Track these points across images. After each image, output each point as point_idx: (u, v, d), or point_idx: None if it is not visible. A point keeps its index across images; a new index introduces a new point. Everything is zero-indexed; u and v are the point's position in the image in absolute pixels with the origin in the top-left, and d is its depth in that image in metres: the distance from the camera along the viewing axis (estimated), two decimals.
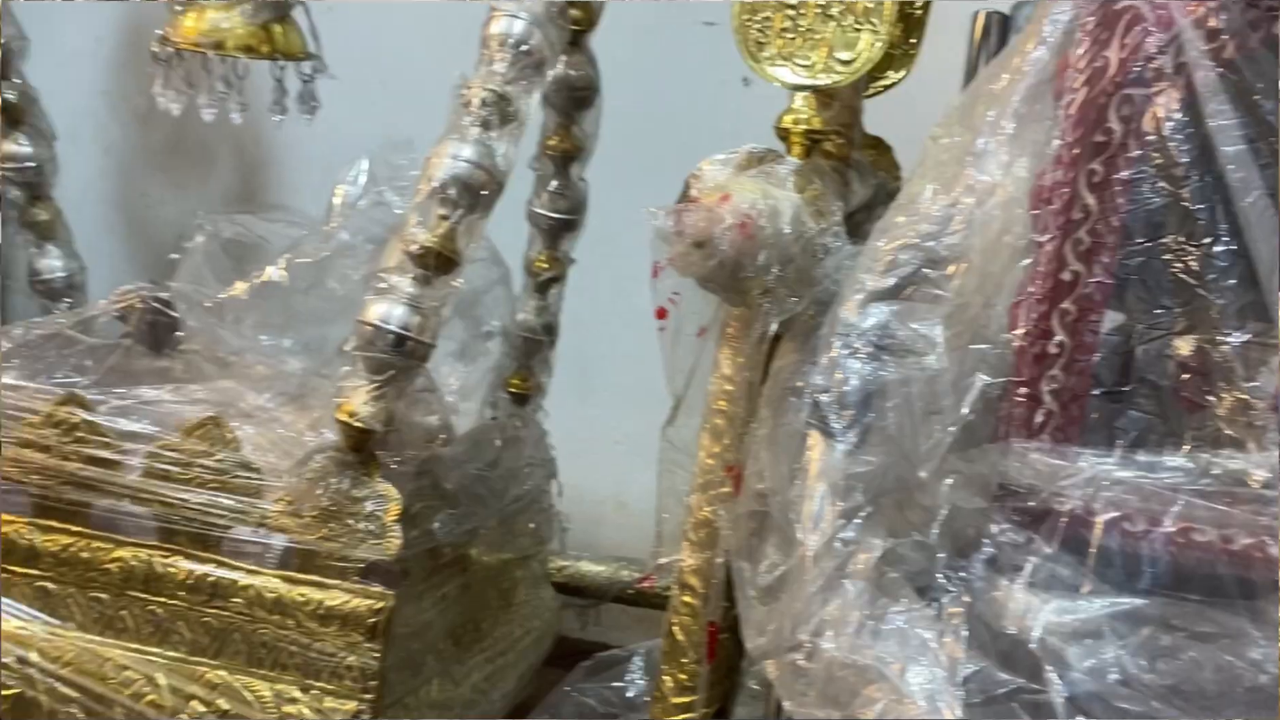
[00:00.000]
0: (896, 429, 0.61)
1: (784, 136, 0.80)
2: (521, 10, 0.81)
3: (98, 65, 1.34)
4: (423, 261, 0.77)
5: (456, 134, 0.78)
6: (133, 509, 0.84)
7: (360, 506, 0.80)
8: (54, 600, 0.87)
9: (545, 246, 1.09)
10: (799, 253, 0.67)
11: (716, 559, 0.72)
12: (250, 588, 0.82)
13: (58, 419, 0.85)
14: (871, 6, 0.79)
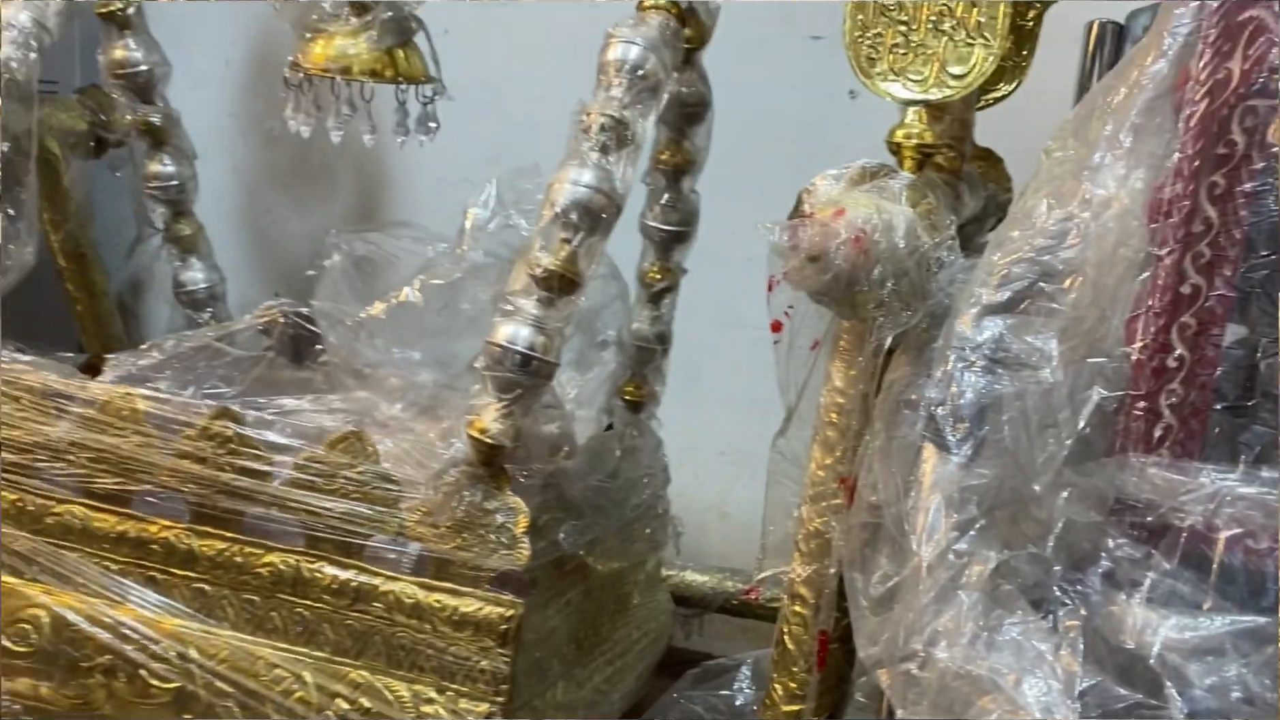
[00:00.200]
0: (1011, 442, 0.62)
1: (896, 151, 0.80)
2: (637, 36, 0.84)
3: (227, 88, 1.41)
4: (546, 284, 0.80)
5: (576, 160, 0.81)
6: (281, 516, 0.89)
7: (491, 518, 0.83)
8: (210, 601, 0.92)
9: (658, 258, 1.12)
10: (913, 267, 0.67)
11: (828, 569, 0.73)
12: (390, 593, 0.86)
13: (212, 432, 0.90)
14: (984, 21, 0.79)
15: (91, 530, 0.95)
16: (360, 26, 1.01)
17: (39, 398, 0.96)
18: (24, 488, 0.97)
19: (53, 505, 0.96)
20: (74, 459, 0.95)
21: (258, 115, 1.47)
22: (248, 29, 1.57)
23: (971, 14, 0.79)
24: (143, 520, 0.94)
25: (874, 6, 0.81)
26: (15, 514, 0.97)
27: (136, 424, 0.93)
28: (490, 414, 0.81)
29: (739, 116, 1.16)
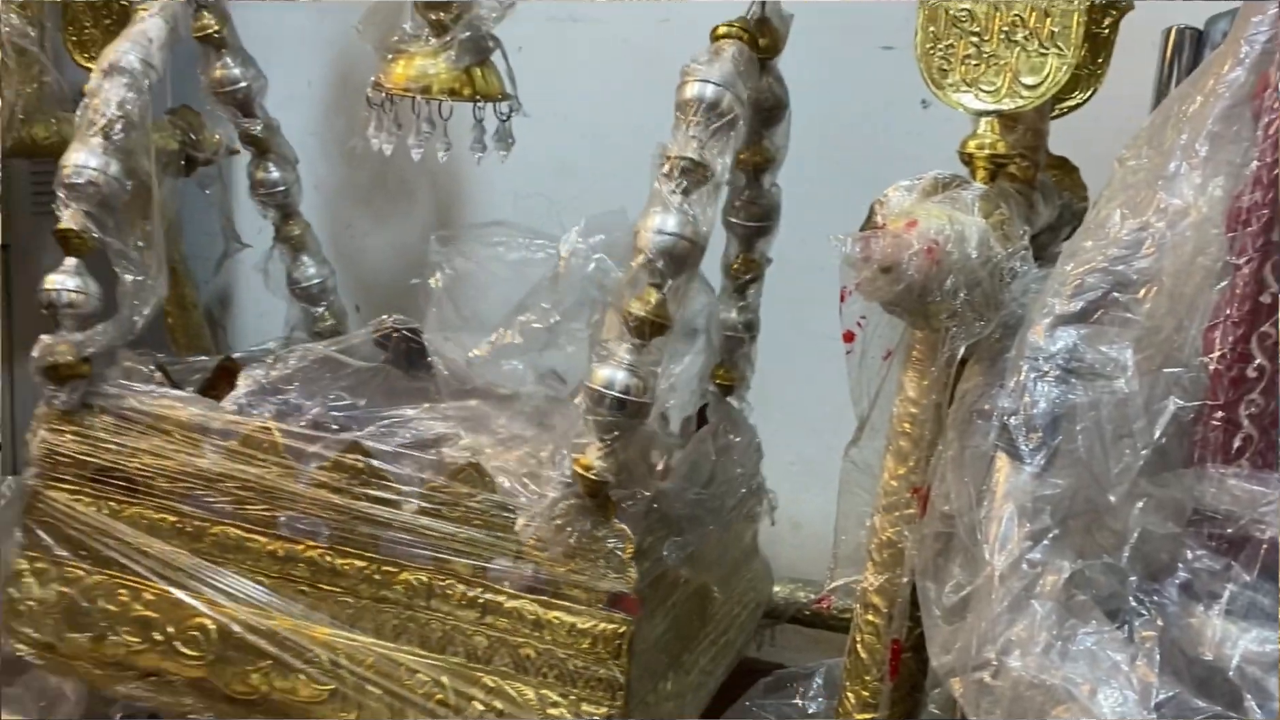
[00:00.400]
0: (1085, 452, 0.62)
1: (968, 161, 0.80)
2: (712, 74, 0.85)
3: (308, 108, 1.45)
4: (638, 331, 0.83)
5: (660, 206, 0.83)
6: (412, 541, 0.95)
7: (601, 545, 0.88)
8: (355, 613, 0.97)
9: (742, 250, 1.14)
10: (986, 277, 0.68)
11: (901, 578, 0.74)
12: (513, 610, 0.92)
13: (345, 465, 0.96)
14: (1058, 31, 0.79)
15: (245, 548, 1.01)
16: (439, 47, 1.03)
17: (186, 430, 1.02)
18: (181, 511, 1.03)
19: (209, 526, 1.02)
20: (223, 487, 1.01)
21: (339, 134, 1.51)
22: (328, 50, 1.62)
23: (1045, 24, 0.79)
24: (289, 541, 0.99)
25: (946, 18, 0.81)
26: (177, 533, 1.03)
27: (276, 455, 0.99)
28: (593, 452, 0.85)
29: (811, 127, 1.16)
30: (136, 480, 1.04)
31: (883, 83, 1.33)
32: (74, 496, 1.06)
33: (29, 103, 1.27)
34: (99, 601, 1.05)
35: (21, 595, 1.07)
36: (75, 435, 1.06)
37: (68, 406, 1.06)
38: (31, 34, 1.24)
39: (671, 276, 0.83)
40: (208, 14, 1.22)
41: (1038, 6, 0.79)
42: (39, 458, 1.07)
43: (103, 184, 1.05)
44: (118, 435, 1.05)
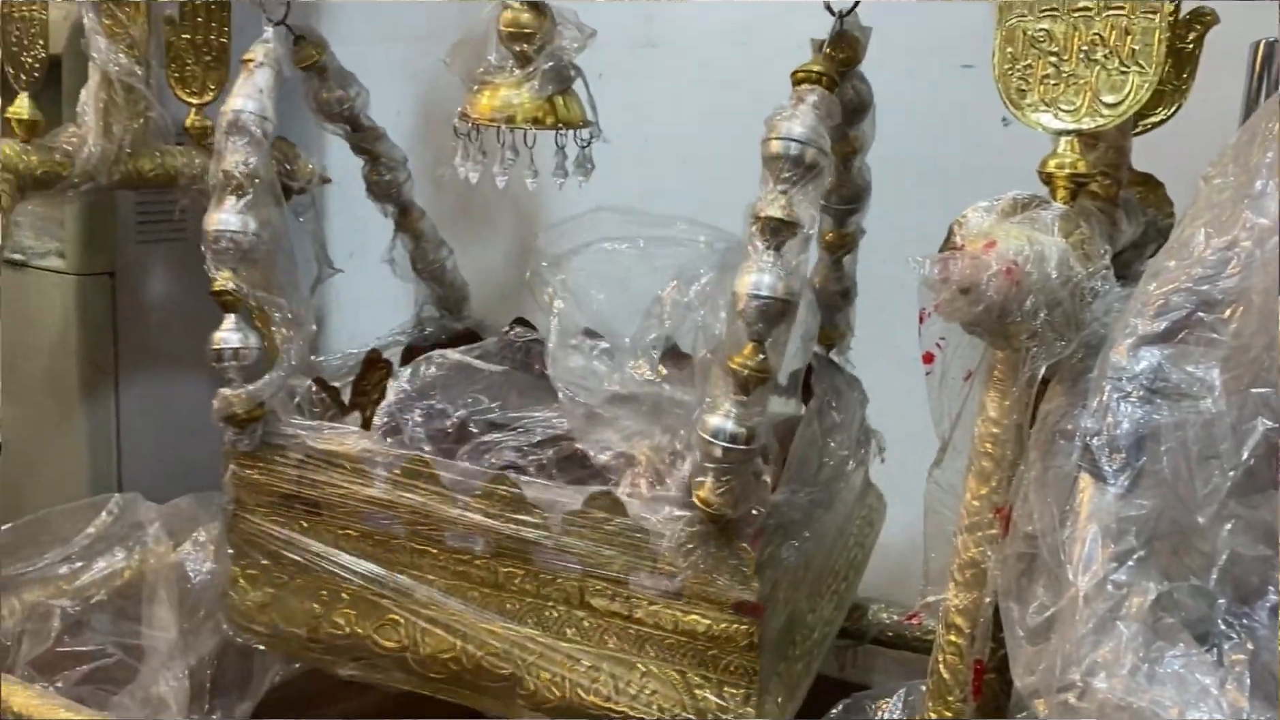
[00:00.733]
0: (1171, 473, 0.61)
1: (1048, 180, 0.79)
2: (795, 132, 0.86)
3: (396, 137, 1.49)
4: (742, 386, 0.88)
5: (755, 265, 0.87)
6: (561, 555, 1.03)
7: (725, 563, 0.95)
8: (520, 613, 1.06)
9: (835, 226, 1.20)
10: (1066, 297, 0.68)
11: (984, 598, 0.74)
12: (654, 613, 0.99)
13: (496, 494, 1.04)
14: (1139, 49, 0.78)
15: (423, 557, 1.10)
16: (523, 77, 1.06)
17: (356, 463, 1.11)
18: (362, 529, 1.12)
19: (388, 540, 1.11)
20: (394, 511, 1.10)
21: (426, 162, 1.55)
22: (415, 82, 1.67)
23: (1125, 42, 0.79)
24: (456, 553, 1.08)
25: (1024, 38, 0.81)
26: (361, 546, 1.12)
27: (434, 484, 1.07)
28: (709, 488, 0.91)
29: (891, 146, 1.17)
30: (320, 504, 1.14)
31: (964, 101, 1.33)
32: (267, 519, 1.17)
33: (135, 137, 1.33)
34: (305, 601, 1.15)
35: (239, 598, 1.18)
36: (260, 470, 1.16)
37: (249, 448, 1.16)
38: (138, 72, 1.31)
39: (769, 333, 0.88)
40: (307, 44, 1.27)
41: (1118, 25, 0.79)
42: (234, 490, 1.18)
43: (242, 242, 1.12)
44: (297, 469, 1.15)
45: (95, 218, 1.56)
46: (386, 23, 1.71)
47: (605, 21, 1.41)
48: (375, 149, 1.39)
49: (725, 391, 0.89)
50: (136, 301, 1.64)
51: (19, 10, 1.26)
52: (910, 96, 1.35)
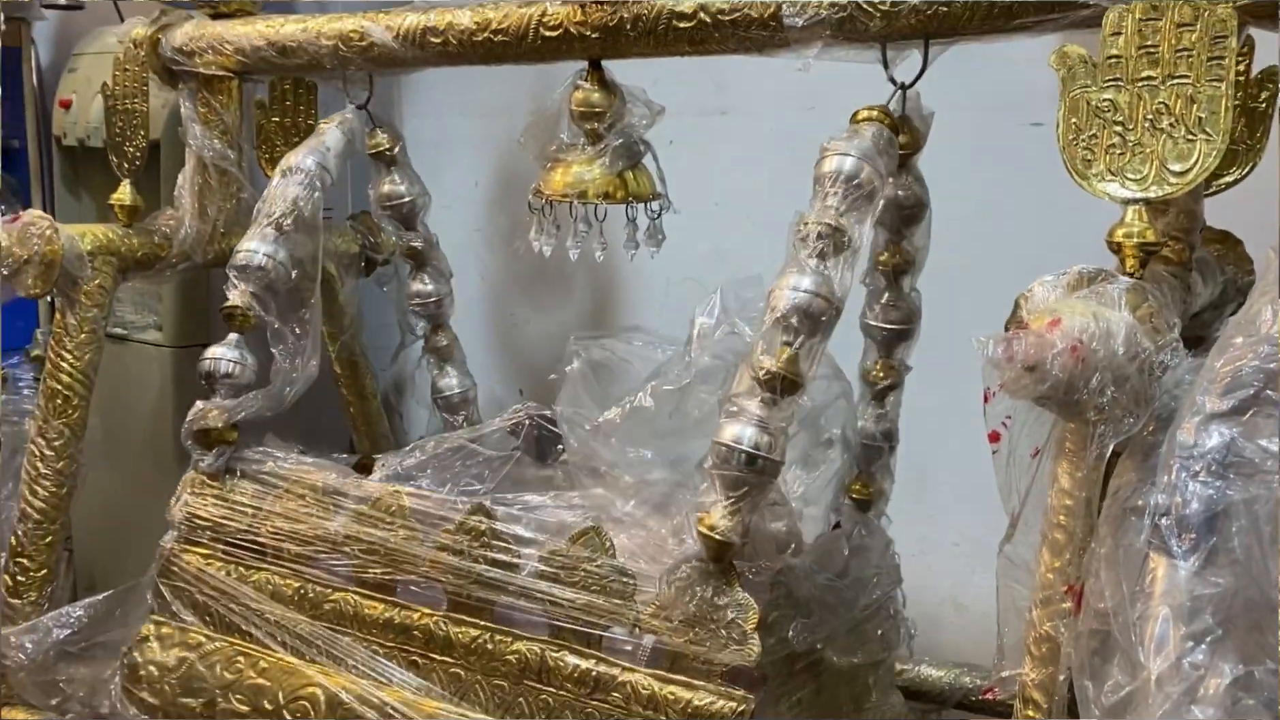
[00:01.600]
0: (1243, 552, 0.61)
1: (1117, 250, 0.80)
2: (850, 148, 0.88)
3: (475, 207, 1.55)
4: (770, 385, 0.84)
5: (795, 267, 0.85)
6: (528, 606, 0.96)
7: (722, 614, 0.87)
8: (464, 685, 1.00)
9: (880, 356, 1.13)
10: (1134, 373, 0.68)
11: (1058, 674, 0.73)
12: (627, 684, 0.91)
13: (468, 526, 0.99)
14: (1205, 116, 0.79)
15: (362, 616, 1.06)
16: (594, 154, 1.09)
17: (320, 495, 1.09)
18: (306, 576, 1.09)
19: (329, 593, 1.08)
20: (349, 550, 1.06)
21: (503, 230, 1.61)
22: (493, 152, 1.72)
23: (1191, 110, 0.79)
24: (406, 608, 1.03)
25: (1088, 109, 0.82)
26: (298, 600, 1.09)
27: (403, 519, 1.03)
28: (719, 511, 0.85)
29: (962, 206, 1.18)
30: (267, 546, 1.11)
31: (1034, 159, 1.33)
32: (207, 560, 1.14)
33: (228, 217, 1.40)
34: (216, 668, 1.10)
35: (144, 659, 1.14)
36: (216, 498, 1.15)
37: (213, 470, 1.16)
38: (231, 156, 1.38)
39: (805, 334, 0.84)
40: (382, 132, 1.33)
41: (1183, 94, 0.79)
42: (180, 520, 1.17)
43: (270, 269, 1.15)
44: (255, 499, 1.13)
45: (191, 292, 1.63)
46: (465, 96, 1.77)
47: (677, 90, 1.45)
48: (423, 255, 1.42)
49: (750, 395, 0.84)
50: None
51: (122, 104, 1.35)
52: (981, 155, 1.35)
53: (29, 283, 1.22)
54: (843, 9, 0.93)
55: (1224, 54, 0.78)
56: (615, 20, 1.03)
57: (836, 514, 1.11)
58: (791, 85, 1.55)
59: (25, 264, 1.21)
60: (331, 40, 1.20)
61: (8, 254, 1.20)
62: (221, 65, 1.30)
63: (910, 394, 1.19)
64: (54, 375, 1.29)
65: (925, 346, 1.17)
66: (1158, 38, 0.80)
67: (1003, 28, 0.89)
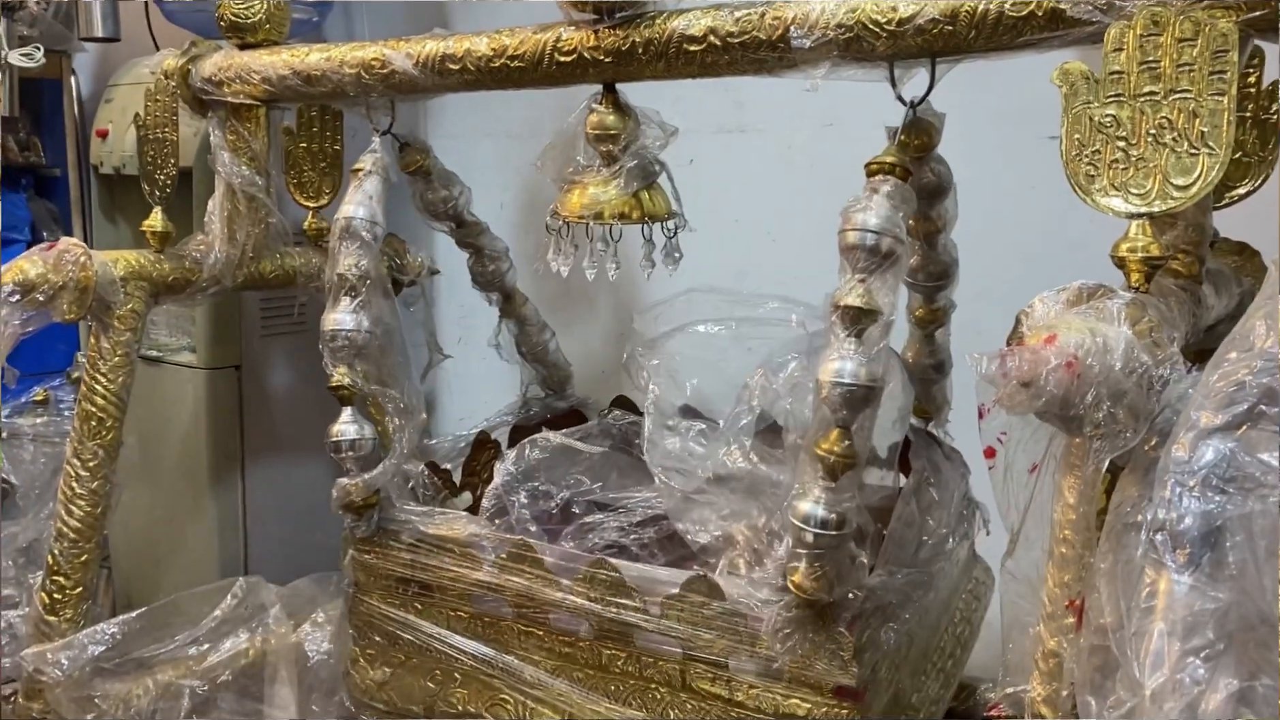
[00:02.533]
0: (1239, 567, 0.61)
1: (1121, 264, 0.79)
2: (870, 223, 0.89)
3: (501, 229, 1.56)
4: (830, 472, 0.90)
5: (837, 355, 0.89)
6: (660, 639, 1.05)
7: (824, 648, 0.96)
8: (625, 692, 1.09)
9: (924, 302, 1.21)
10: (1132, 387, 0.68)
11: (1064, 690, 0.73)
12: (756, 696, 1.01)
13: (596, 578, 1.07)
14: (1208, 130, 0.78)
15: (530, 639, 1.14)
16: (610, 176, 1.10)
17: (464, 547, 1.17)
18: (472, 610, 1.18)
19: (497, 622, 1.17)
20: (502, 594, 1.14)
21: (528, 251, 1.62)
22: (516, 176, 1.75)
23: (1194, 124, 0.79)
24: (561, 635, 1.12)
25: (1090, 124, 0.82)
26: (480, 629, 1.18)
27: (538, 568, 1.11)
28: (803, 574, 0.93)
29: (980, 217, 1.18)
30: (431, 586, 1.20)
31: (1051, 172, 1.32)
32: (384, 601, 1.24)
33: (257, 242, 1.44)
34: (421, 680, 1.21)
35: (360, 676, 1.26)
36: (375, 554, 1.23)
37: (366, 534, 1.24)
38: (259, 182, 1.41)
39: (854, 419, 0.90)
40: (411, 150, 1.36)
41: (1185, 108, 0.79)
42: (353, 573, 1.26)
43: (356, 339, 1.21)
44: (410, 552, 1.21)
45: (223, 315, 1.67)
46: (488, 120, 1.80)
47: (697, 109, 1.47)
48: (478, 243, 1.47)
49: (814, 478, 0.91)
50: (260, 392, 1.75)
51: (154, 133, 1.39)
52: (998, 167, 1.36)
53: (64, 308, 1.25)
54: (849, 30, 0.94)
55: (1225, 68, 0.78)
56: (628, 45, 1.04)
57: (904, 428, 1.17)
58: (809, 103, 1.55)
59: (60, 290, 1.25)
60: (354, 68, 1.22)
61: (43, 280, 1.23)
62: (249, 94, 1.33)
63: None
64: (88, 398, 1.33)
65: None
66: (1159, 53, 0.80)
67: (1006, 45, 0.89)
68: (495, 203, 1.73)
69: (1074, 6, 0.84)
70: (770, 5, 0.98)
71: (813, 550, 0.91)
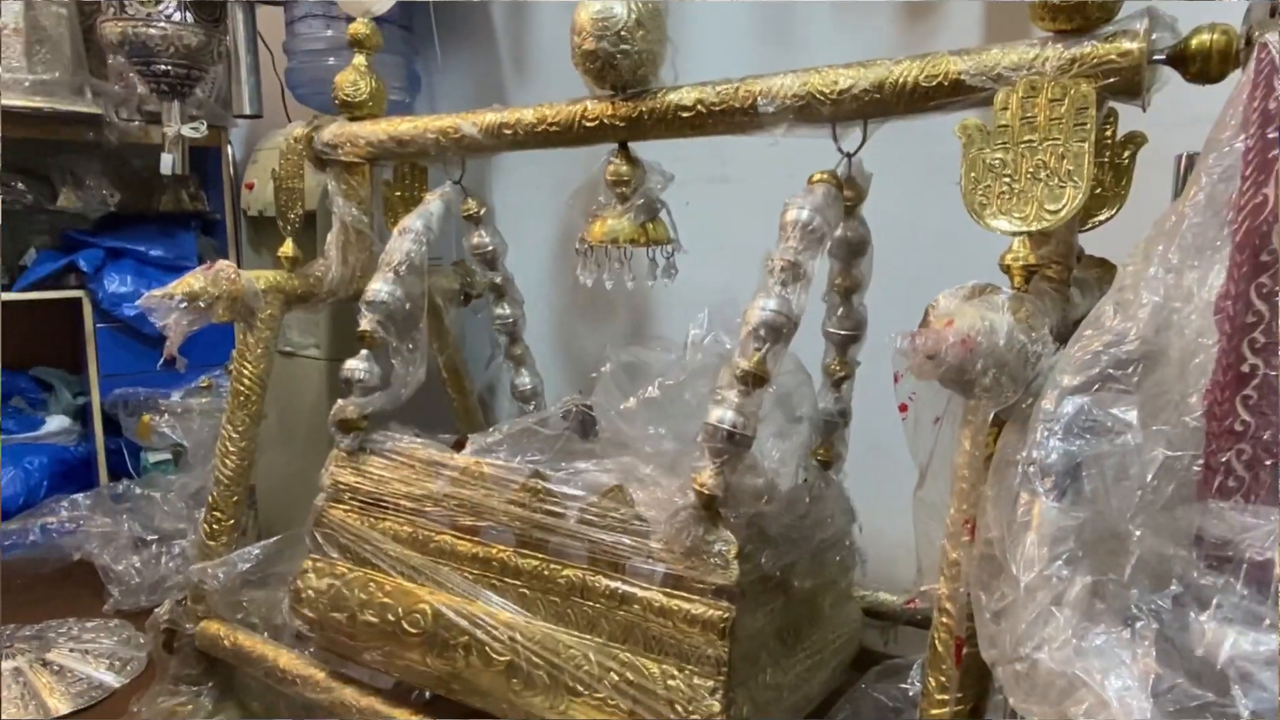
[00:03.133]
0: (1091, 493, 0.60)
1: (1006, 270, 0.80)
2: (806, 203, 0.89)
3: (545, 255, 1.57)
4: (744, 380, 0.86)
5: (764, 292, 0.87)
6: (573, 544, 0.98)
7: (711, 547, 0.89)
8: (528, 601, 1.01)
9: (837, 355, 1.14)
10: (1012, 359, 0.67)
11: (962, 589, 0.73)
12: (644, 599, 0.93)
13: (529, 487, 1.02)
14: (1073, 169, 0.78)
15: (456, 552, 1.08)
16: (623, 211, 1.11)
17: (425, 464, 1.12)
18: (416, 524, 1.12)
19: (433, 535, 1.10)
20: (445, 505, 1.09)
21: (564, 272, 1.63)
22: (555, 216, 1.75)
23: (1062, 164, 0.79)
24: (487, 545, 1.05)
25: (983, 165, 0.82)
26: (411, 541, 1.12)
27: (482, 481, 1.06)
28: (707, 473, 0.87)
29: (904, 242, 1.17)
30: (388, 502, 1.14)
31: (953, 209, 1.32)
32: (346, 513, 1.17)
33: (363, 264, 1.44)
34: (355, 590, 1.13)
35: (305, 585, 1.18)
36: (352, 469, 1.18)
37: (350, 449, 1.19)
38: (365, 220, 1.42)
39: (771, 342, 0.86)
40: (471, 200, 1.37)
41: (1055, 152, 0.79)
42: (327, 485, 1.21)
43: (390, 303, 1.19)
44: (380, 469, 1.16)
45: (340, 319, 1.68)
46: (536, 172, 1.80)
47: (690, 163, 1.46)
48: (502, 288, 1.46)
49: (731, 386, 0.86)
50: None
51: (286, 184, 1.40)
52: (916, 206, 1.35)
53: (219, 312, 1.26)
54: (802, 99, 0.94)
55: (1086, 121, 0.78)
56: (637, 113, 1.05)
57: (805, 471, 1.11)
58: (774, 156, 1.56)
59: (216, 299, 1.26)
60: (434, 134, 1.23)
61: (204, 292, 1.25)
62: (356, 154, 1.34)
63: (863, 383, 1.18)
64: (238, 380, 1.34)
65: (874, 348, 1.17)
66: (1036, 110, 0.80)
67: (921, 109, 0.89)
68: (540, 237, 1.74)
69: (972, 77, 0.84)
70: (743, 81, 0.98)
71: (720, 450, 0.85)
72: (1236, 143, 0.60)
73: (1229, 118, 0.61)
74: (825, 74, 0.92)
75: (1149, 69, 0.78)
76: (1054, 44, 0.80)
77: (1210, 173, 0.61)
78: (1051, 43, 0.80)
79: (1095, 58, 0.78)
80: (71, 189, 2.10)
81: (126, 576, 1.79)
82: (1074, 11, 0.79)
